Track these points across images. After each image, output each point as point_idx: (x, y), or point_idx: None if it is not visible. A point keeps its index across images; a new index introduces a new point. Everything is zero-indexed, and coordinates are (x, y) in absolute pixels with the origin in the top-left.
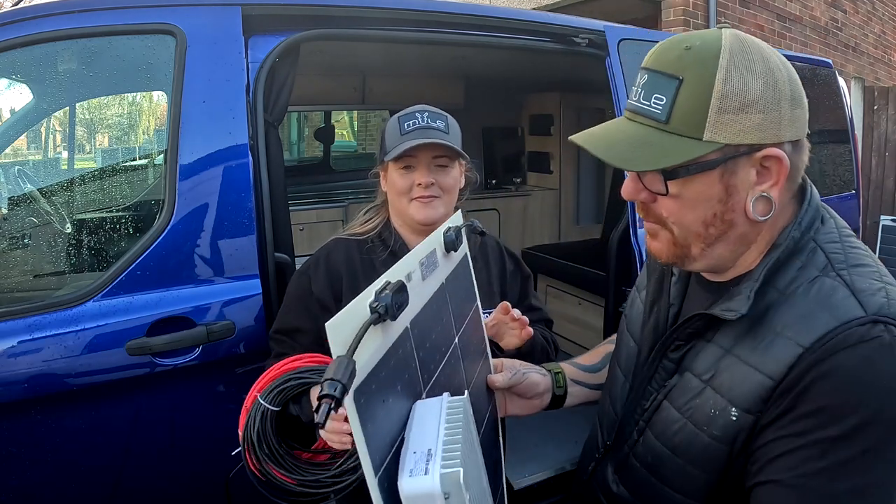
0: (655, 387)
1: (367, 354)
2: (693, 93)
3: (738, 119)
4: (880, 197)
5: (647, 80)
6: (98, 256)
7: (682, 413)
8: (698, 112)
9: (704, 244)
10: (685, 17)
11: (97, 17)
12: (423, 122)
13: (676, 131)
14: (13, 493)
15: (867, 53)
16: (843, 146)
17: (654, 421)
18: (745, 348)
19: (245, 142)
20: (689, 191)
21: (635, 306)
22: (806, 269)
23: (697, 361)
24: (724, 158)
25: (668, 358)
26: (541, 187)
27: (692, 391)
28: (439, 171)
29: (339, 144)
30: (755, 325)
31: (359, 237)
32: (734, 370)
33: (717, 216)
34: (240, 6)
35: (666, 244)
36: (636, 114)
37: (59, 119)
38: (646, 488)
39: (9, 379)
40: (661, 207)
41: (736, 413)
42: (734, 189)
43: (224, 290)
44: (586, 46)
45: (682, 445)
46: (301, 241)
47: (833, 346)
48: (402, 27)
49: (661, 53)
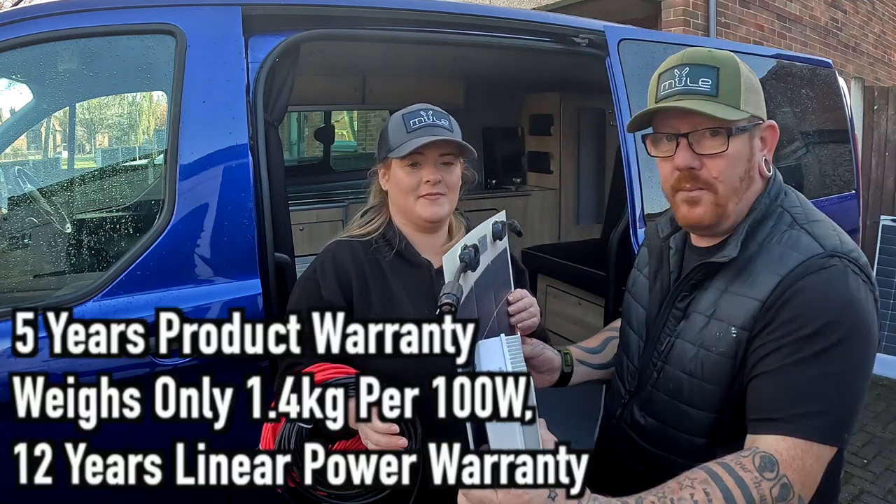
0: (668, 332)
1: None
2: (729, 76)
3: (754, 97)
4: (880, 197)
5: (690, 70)
6: (98, 256)
7: (693, 343)
8: (735, 89)
9: (737, 198)
10: (685, 17)
11: (97, 17)
12: (429, 120)
13: (724, 102)
14: (12, 494)
15: (867, 53)
16: (843, 146)
17: (671, 356)
18: (737, 285)
19: (245, 142)
20: (735, 149)
21: (638, 281)
22: (777, 226)
23: (700, 303)
24: (751, 125)
25: (676, 308)
26: (541, 187)
27: (699, 325)
28: (444, 169)
29: (339, 144)
30: (743, 269)
31: (362, 238)
32: (731, 301)
33: (746, 172)
34: (240, 6)
35: (709, 207)
36: (686, 94)
37: (59, 119)
38: (670, 411)
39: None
40: (712, 170)
41: (735, 331)
42: (753, 151)
43: (224, 290)
44: (586, 46)
45: (697, 368)
46: (301, 241)
47: (801, 272)
48: (402, 27)
49: (692, 55)
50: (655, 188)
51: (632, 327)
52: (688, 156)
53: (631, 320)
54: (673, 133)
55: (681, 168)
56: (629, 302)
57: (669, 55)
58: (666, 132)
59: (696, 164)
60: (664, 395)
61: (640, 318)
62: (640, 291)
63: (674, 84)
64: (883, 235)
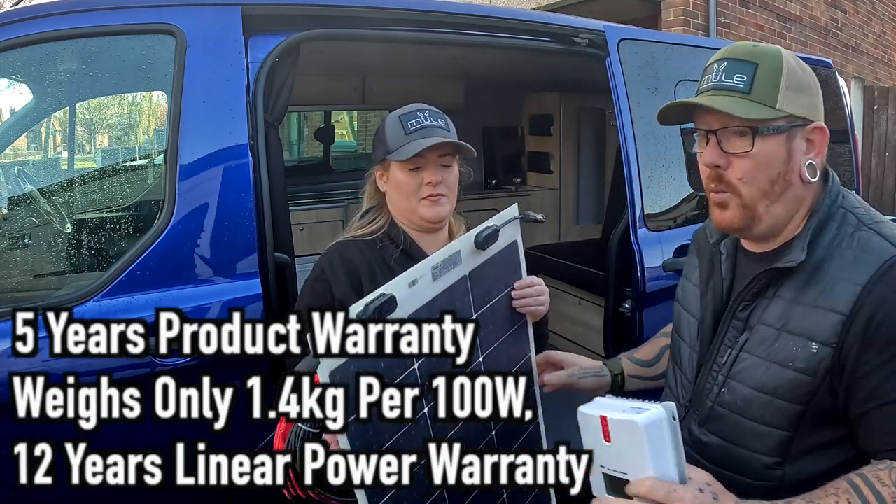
0: (728, 344)
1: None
2: (767, 73)
3: (797, 97)
4: (880, 197)
5: (727, 65)
6: (98, 256)
7: (763, 358)
8: (772, 87)
9: (769, 201)
10: (685, 17)
11: (97, 17)
12: (427, 121)
13: (756, 100)
14: (12, 494)
15: (867, 53)
16: (843, 146)
17: (736, 371)
18: (808, 296)
19: (245, 142)
20: (764, 150)
21: (687, 290)
22: (842, 228)
23: (767, 315)
24: (789, 126)
25: (736, 318)
26: (541, 187)
27: (769, 339)
28: (444, 170)
29: (339, 144)
30: (812, 276)
31: (366, 238)
32: (805, 314)
33: (780, 175)
34: (240, 6)
35: (736, 210)
36: (719, 90)
37: (59, 119)
38: (737, 429)
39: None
40: (737, 170)
41: (815, 347)
42: (793, 154)
43: (224, 290)
44: (586, 46)
45: (769, 384)
46: (301, 241)
47: (882, 278)
48: (402, 27)
49: (734, 49)
50: (655, 188)
51: (683, 338)
52: (715, 153)
53: (682, 331)
54: (704, 129)
55: (707, 164)
56: (679, 312)
57: (669, 55)
58: (699, 128)
59: (721, 163)
60: (730, 411)
61: (692, 327)
62: (690, 300)
63: (711, 79)
64: None
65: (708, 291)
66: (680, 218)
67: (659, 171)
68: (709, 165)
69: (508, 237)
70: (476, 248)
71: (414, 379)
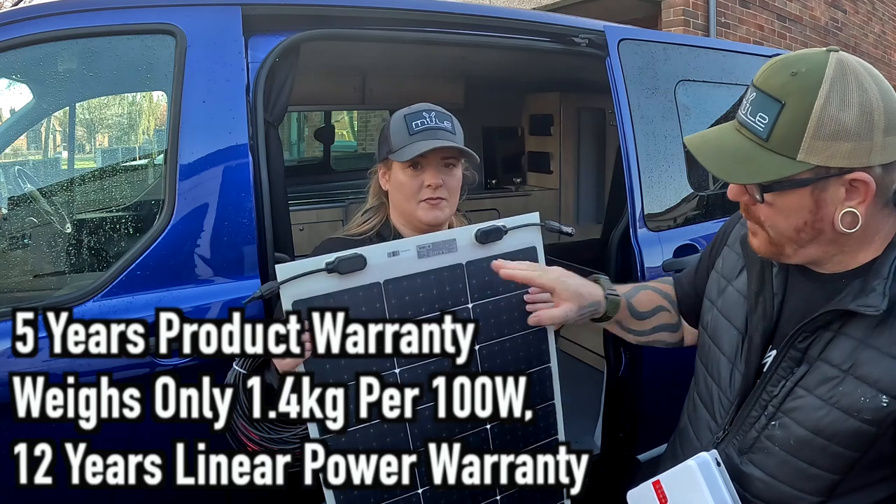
0: (783, 374)
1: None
2: (792, 118)
3: (830, 145)
4: None
5: (756, 98)
6: (98, 256)
7: (824, 400)
8: (795, 135)
9: (797, 245)
10: (685, 17)
11: (97, 17)
12: (432, 122)
13: (774, 149)
14: (12, 494)
15: (867, 53)
16: None
17: (791, 407)
18: (882, 340)
19: (245, 142)
20: (782, 202)
21: (728, 294)
22: None
23: (832, 352)
24: (816, 178)
25: (795, 348)
26: (541, 187)
27: (832, 380)
28: (446, 172)
29: (339, 144)
30: (888, 317)
31: (356, 237)
32: (878, 362)
33: (807, 224)
34: (240, 6)
35: (763, 242)
36: (743, 126)
37: (59, 119)
38: (785, 468)
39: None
40: (759, 212)
41: (886, 400)
42: (824, 203)
43: (224, 290)
44: (586, 46)
45: (828, 429)
46: (301, 241)
47: None
48: (402, 27)
49: (771, 75)
50: (655, 188)
51: (723, 350)
52: (737, 191)
53: (721, 341)
54: None
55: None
56: (717, 318)
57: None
58: None
59: (745, 201)
60: (779, 448)
61: (734, 341)
62: (731, 308)
63: (745, 105)
64: None
65: (758, 307)
66: (680, 218)
67: (659, 171)
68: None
69: (526, 241)
70: (476, 242)
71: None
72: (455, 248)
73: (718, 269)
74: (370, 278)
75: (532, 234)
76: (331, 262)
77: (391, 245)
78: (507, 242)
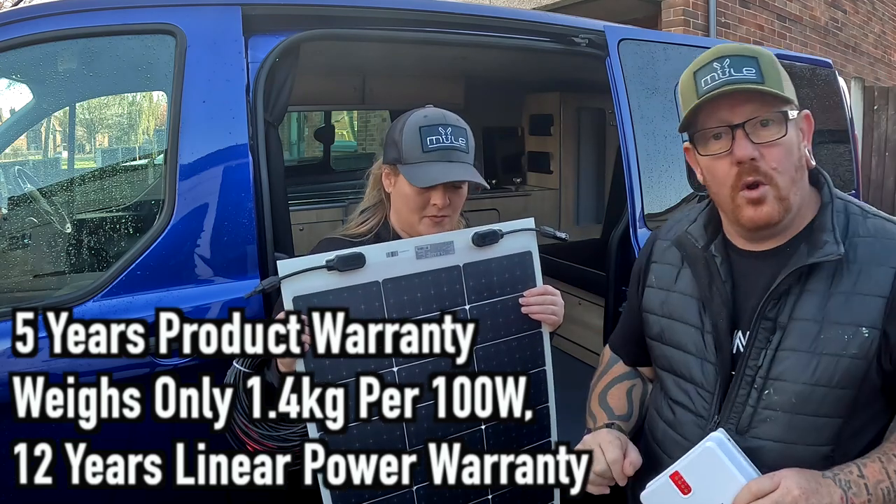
0: (761, 346)
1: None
2: (768, 66)
3: (791, 86)
4: (880, 197)
5: (731, 61)
6: (98, 256)
7: (811, 352)
8: (778, 77)
9: (796, 188)
10: (685, 17)
11: (97, 17)
12: (447, 141)
13: (771, 87)
14: (12, 494)
15: (867, 53)
16: (843, 146)
17: (780, 371)
18: (843, 285)
19: (245, 142)
20: (790, 135)
21: (673, 300)
22: (850, 217)
23: (802, 309)
24: (797, 112)
25: (766, 318)
26: (541, 187)
27: (811, 332)
28: (453, 192)
29: (339, 144)
30: (839, 266)
31: (354, 238)
32: (848, 302)
33: (799, 160)
34: (240, 6)
35: (774, 204)
36: (734, 83)
37: (59, 119)
38: (791, 427)
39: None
40: (770, 160)
41: (867, 331)
42: (800, 139)
43: (224, 289)
44: (586, 46)
45: (825, 376)
46: (301, 241)
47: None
48: (402, 27)
49: (726, 48)
50: (655, 188)
51: (687, 350)
52: (748, 146)
53: (683, 343)
54: (726, 125)
55: (743, 160)
56: (670, 325)
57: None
58: (716, 126)
59: (756, 155)
60: (782, 411)
61: (695, 338)
62: (680, 311)
63: (717, 76)
64: None
65: (714, 297)
66: None
67: (659, 171)
68: (744, 160)
69: (521, 245)
70: (473, 244)
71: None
72: (452, 251)
73: (653, 285)
74: (369, 277)
75: (527, 238)
76: (331, 260)
77: (390, 245)
78: (503, 246)
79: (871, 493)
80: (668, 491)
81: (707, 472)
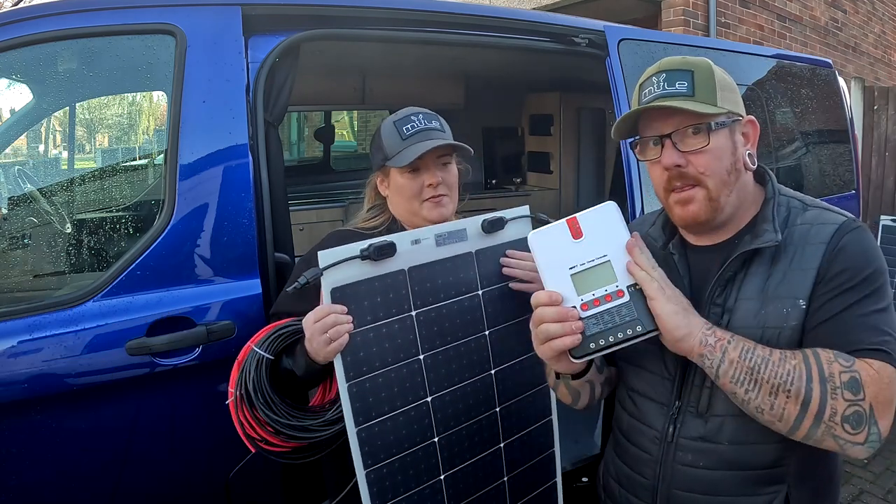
0: None
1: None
2: (703, 78)
3: (729, 96)
4: (880, 197)
5: (666, 76)
6: (98, 256)
7: (755, 327)
8: (711, 89)
9: (728, 191)
10: (685, 17)
11: (97, 17)
12: (421, 124)
13: (701, 100)
14: (13, 494)
15: (867, 53)
16: (843, 146)
17: (729, 350)
18: (781, 265)
19: (245, 142)
20: (716, 143)
21: None
22: (791, 210)
23: (745, 290)
24: (730, 121)
25: (714, 304)
26: (541, 187)
27: (754, 309)
28: (443, 170)
29: (339, 144)
30: (778, 250)
31: (367, 231)
32: (784, 279)
33: (732, 165)
34: (240, 6)
35: (702, 203)
36: (665, 97)
37: (59, 119)
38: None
39: (9, 379)
40: (698, 165)
41: (802, 302)
42: (736, 145)
43: (224, 289)
44: (586, 46)
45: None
46: (301, 241)
47: (840, 235)
48: (402, 27)
49: (668, 62)
50: None
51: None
52: (674, 154)
53: None
54: (657, 135)
55: (668, 167)
56: None
57: (670, 55)
58: (650, 135)
59: (682, 162)
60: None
61: None
62: None
63: (653, 90)
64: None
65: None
66: None
67: None
68: (669, 167)
69: (520, 232)
70: (482, 231)
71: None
72: (466, 237)
73: None
74: (397, 265)
75: (524, 225)
76: (365, 249)
77: (413, 234)
78: (507, 233)
79: (730, 352)
80: (560, 233)
81: (601, 225)
